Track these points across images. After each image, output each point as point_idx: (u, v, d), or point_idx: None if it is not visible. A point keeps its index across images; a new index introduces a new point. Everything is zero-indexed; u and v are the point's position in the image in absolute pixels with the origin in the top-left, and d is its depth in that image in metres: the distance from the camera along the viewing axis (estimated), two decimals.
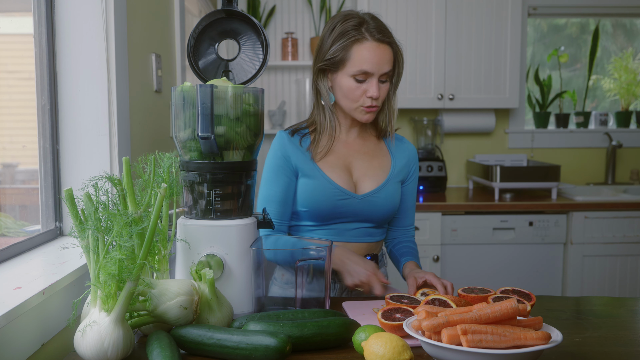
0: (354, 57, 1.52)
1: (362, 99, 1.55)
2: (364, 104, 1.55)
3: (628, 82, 3.75)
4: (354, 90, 1.54)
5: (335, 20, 1.56)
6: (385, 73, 1.54)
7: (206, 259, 1.25)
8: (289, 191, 1.58)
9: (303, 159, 1.59)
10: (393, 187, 1.63)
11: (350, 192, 1.58)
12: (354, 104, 1.56)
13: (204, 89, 1.22)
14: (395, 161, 1.66)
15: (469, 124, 3.54)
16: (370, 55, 1.51)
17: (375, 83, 1.53)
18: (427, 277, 1.47)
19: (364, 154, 1.64)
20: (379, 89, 1.54)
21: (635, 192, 3.45)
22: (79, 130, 1.54)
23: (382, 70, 1.53)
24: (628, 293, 3.08)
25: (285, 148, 1.59)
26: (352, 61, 1.52)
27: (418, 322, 1.04)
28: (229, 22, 1.44)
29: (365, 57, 1.51)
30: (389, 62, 1.54)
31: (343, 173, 1.60)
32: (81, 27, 1.52)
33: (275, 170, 1.58)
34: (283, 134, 1.62)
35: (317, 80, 1.60)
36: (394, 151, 1.68)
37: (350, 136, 1.66)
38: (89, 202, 1.10)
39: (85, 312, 1.15)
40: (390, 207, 1.62)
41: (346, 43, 1.52)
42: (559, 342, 1.01)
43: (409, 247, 1.70)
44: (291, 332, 1.11)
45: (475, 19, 3.25)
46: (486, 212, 3.04)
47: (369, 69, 1.51)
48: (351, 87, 1.54)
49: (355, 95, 1.54)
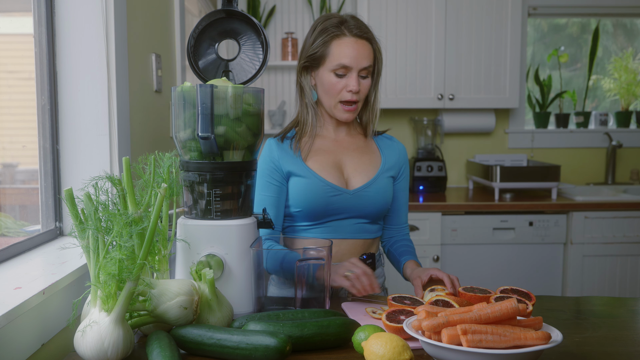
0: (334, 52, 1.57)
1: (342, 93, 1.59)
2: (343, 98, 1.59)
3: (628, 82, 3.75)
4: (334, 85, 1.58)
5: (318, 21, 1.64)
6: (365, 68, 1.58)
7: (206, 259, 1.25)
8: (281, 195, 1.61)
9: (293, 161, 1.61)
10: (384, 182, 1.65)
11: (342, 187, 1.60)
12: (334, 99, 1.60)
13: (204, 89, 1.22)
14: (385, 157, 1.69)
15: (469, 124, 3.54)
16: (348, 49, 1.56)
17: (355, 77, 1.57)
18: (432, 272, 1.49)
19: (353, 151, 1.67)
20: (359, 84, 1.58)
21: (635, 192, 3.45)
22: (79, 130, 1.54)
23: (360, 64, 1.57)
24: (628, 293, 3.08)
25: (272, 155, 1.62)
26: (331, 56, 1.58)
27: (418, 322, 1.04)
28: (229, 22, 1.44)
29: (344, 52, 1.56)
30: (367, 57, 1.58)
31: (334, 170, 1.62)
32: (81, 27, 1.52)
33: (265, 176, 1.61)
34: (272, 142, 1.66)
35: (301, 78, 1.66)
36: (383, 148, 1.71)
37: (340, 134, 1.69)
38: (89, 202, 1.10)
39: (85, 312, 1.15)
40: (383, 201, 1.64)
41: (326, 39, 1.58)
42: (559, 342, 1.01)
43: (406, 245, 1.71)
44: (291, 332, 1.11)
45: (475, 19, 3.25)
46: (486, 212, 3.04)
47: (347, 63, 1.56)
48: (331, 82, 1.58)
49: (336, 89, 1.59)
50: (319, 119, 1.67)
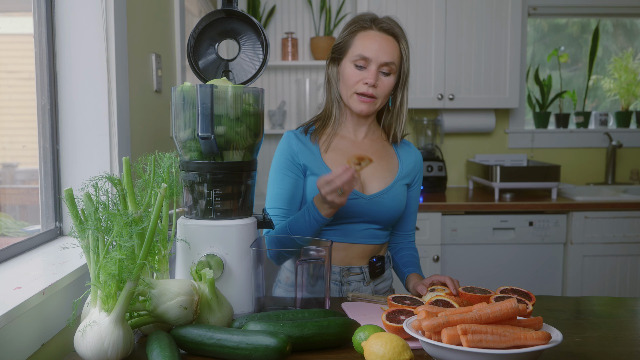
0: (357, 43, 1.56)
1: (358, 85, 1.56)
2: (358, 90, 1.56)
3: (628, 82, 3.75)
4: (351, 77, 1.57)
5: (354, 17, 1.63)
6: (386, 64, 1.55)
7: (206, 259, 1.25)
8: (297, 189, 1.59)
9: (311, 156, 1.60)
10: (400, 190, 1.63)
11: (359, 192, 1.58)
12: (350, 90, 1.58)
13: (204, 89, 1.22)
14: (402, 165, 1.67)
15: (469, 124, 3.54)
16: (371, 42, 1.55)
17: (374, 70, 1.54)
18: (433, 278, 1.50)
19: (372, 155, 1.64)
20: (378, 79, 1.55)
21: (635, 192, 3.45)
22: (79, 130, 1.54)
23: (381, 58, 1.54)
24: (628, 293, 3.08)
25: (291, 147, 1.61)
26: (354, 47, 1.57)
27: (418, 322, 1.04)
28: (229, 22, 1.44)
29: (366, 43, 1.55)
30: (390, 53, 1.55)
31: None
32: (81, 27, 1.52)
33: (282, 169, 1.59)
34: (290, 134, 1.64)
35: (328, 69, 1.65)
36: (401, 155, 1.69)
37: (359, 136, 1.67)
38: (89, 202, 1.10)
39: (85, 312, 1.15)
40: (397, 208, 1.62)
41: (352, 29, 1.58)
42: (559, 342, 1.01)
43: (411, 254, 1.71)
44: (291, 332, 1.11)
45: (475, 19, 3.25)
46: (486, 212, 3.04)
47: (367, 55, 1.54)
48: (350, 73, 1.57)
49: (352, 81, 1.57)
50: (342, 114, 1.65)
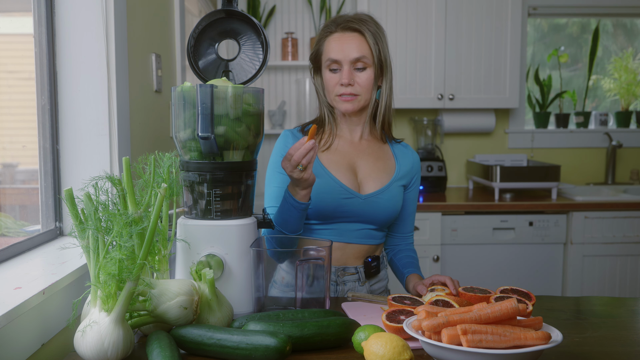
0: (326, 49, 1.60)
1: (336, 88, 1.59)
2: (338, 92, 1.59)
3: (628, 82, 3.75)
4: (330, 81, 1.60)
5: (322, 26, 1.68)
6: (357, 59, 1.56)
7: (206, 259, 1.25)
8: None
9: None
10: (396, 190, 1.63)
11: (355, 191, 1.59)
12: (331, 94, 1.61)
13: (204, 89, 1.22)
14: (399, 165, 1.67)
15: (469, 124, 3.54)
16: (335, 43, 1.58)
17: (347, 70, 1.57)
18: (433, 278, 1.50)
19: (368, 155, 1.65)
20: (352, 76, 1.57)
21: (635, 192, 3.45)
22: (79, 130, 1.54)
23: (348, 56, 1.56)
24: (628, 293, 3.08)
25: (288, 147, 1.62)
26: (325, 53, 1.61)
27: (418, 322, 1.04)
28: (229, 22, 1.44)
29: (331, 46, 1.59)
30: (357, 48, 1.56)
31: (348, 172, 1.61)
32: (81, 27, 1.52)
33: (278, 167, 1.60)
34: (287, 133, 1.66)
35: (313, 80, 1.70)
36: (398, 155, 1.69)
37: (355, 136, 1.68)
38: (89, 202, 1.10)
39: (85, 312, 1.15)
40: (393, 209, 1.62)
41: (320, 37, 1.63)
42: (559, 342, 1.01)
43: (410, 256, 1.71)
44: (291, 332, 1.11)
45: (475, 19, 3.25)
46: (486, 212, 3.04)
47: (335, 57, 1.57)
48: (327, 78, 1.61)
49: (331, 84, 1.60)
50: (335, 117, 1.68)
